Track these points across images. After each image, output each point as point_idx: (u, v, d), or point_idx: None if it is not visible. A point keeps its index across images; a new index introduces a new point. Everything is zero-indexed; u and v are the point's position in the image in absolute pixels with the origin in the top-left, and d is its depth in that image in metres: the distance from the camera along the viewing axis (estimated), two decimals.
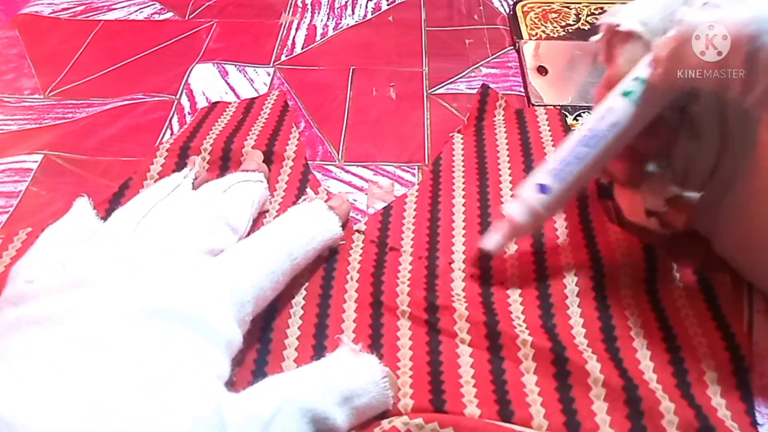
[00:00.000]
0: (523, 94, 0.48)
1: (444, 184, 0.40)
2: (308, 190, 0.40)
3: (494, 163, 0.41)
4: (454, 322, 0.31)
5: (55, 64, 0.53)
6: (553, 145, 0.41)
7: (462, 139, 0.43)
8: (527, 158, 0.41)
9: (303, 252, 0.32)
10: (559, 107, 0.45)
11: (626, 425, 0.27)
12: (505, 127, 0.43)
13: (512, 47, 0.54)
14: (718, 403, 0.28)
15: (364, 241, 0.36)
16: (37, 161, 0.43)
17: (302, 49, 0.55)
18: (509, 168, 0.40)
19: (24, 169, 0.43)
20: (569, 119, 0.44)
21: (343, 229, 0.35)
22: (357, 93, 0.49)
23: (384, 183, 0.41)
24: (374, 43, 0.55)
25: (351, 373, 0.27)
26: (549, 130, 0.43)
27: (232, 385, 0.27)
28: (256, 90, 0.50)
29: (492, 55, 0.52)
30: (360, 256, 0.35)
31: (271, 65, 0.53)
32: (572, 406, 0.27)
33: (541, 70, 0.50)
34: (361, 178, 0.42)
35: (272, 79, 0.51)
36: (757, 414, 0.28)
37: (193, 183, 0.34)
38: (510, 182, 0.40)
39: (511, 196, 0.38)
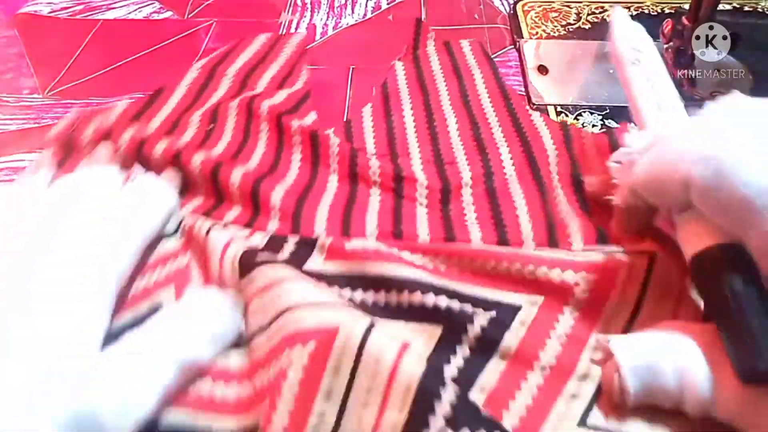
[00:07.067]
0: (524, 94, 0.48)
1: (393, 102, 0.47)
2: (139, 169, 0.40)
3: (433, 84, 0.48)
4: (415, 189, 0.39)
5: (54, 63, 0.53)
6: (480, 72, 0.48)
7: (403, 66, 0.51)
8: (461, 81, 0.48)
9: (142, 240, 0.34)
10: (559, 106, 0.45)
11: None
12: (437, 56, 0.51)
13: (513, 46, 0.53)
14: None
15: (339, 145, 0.42)
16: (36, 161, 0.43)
17: None
18: (446, 88, 0.47)
19: (23, 168, 0.42)
20: (569, 118, 0.44)
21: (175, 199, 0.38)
22: (356, 92, 0.49)
23: None
24: (374, 43, 0.55)
25: (208, 316, 0.30)
26: (474, 59, 0.50)
27: None
28: None
29: (492, 55, 0.52)
30: (338, 147, 0.41)
31: None
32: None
33: (542, 70, 0.49)
34: None
35: None
36: None
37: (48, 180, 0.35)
38: (449, 101, 0.46)
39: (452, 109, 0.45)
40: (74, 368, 0.24)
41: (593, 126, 0.44)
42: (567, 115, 0.45)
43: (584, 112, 0.45)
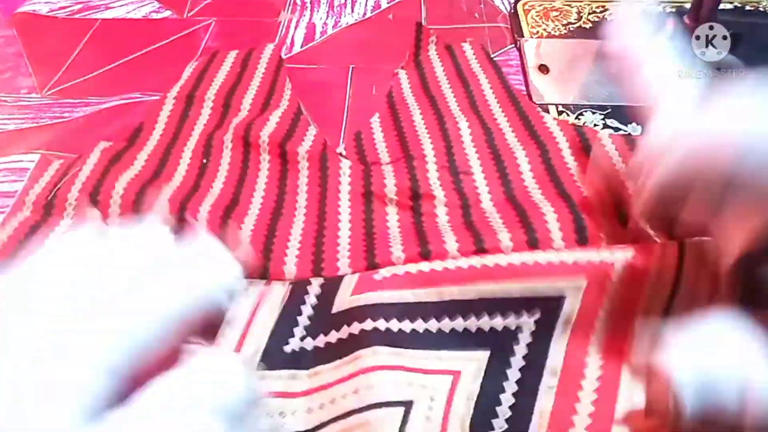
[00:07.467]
0: (525, 93, 0.47)
1: (401, 110, 0.45)
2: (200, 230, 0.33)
3: (438, 90, 0.47)
4: (434, 206, 0.38)
5: (52, 62, 0.53)
6: (485, 76, 0.47)
7: (406, 73, 0.49)
8: (466, 85, 0.47)
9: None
10: (560, 106, 0.45)
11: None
12: (440, 61, 0.49)
13: (513, 45, 0.53)
14: None
15: (350, 167, 0.41)
16: (33, 161, 0.43)
17: (301, 47, 0.54)
18: (453, 93, 0.46)
19: (21, 168, 0.42)
20: (570, 118, 0.44)
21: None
22: (356, 91, 0.49)
23: None
24: (374, 42, 0.55)
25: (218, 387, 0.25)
26: (477, 63, 0.48)
27: None
28: None
29: (493, 54, 0.52)
30: (349, 169, 0.41)
31: None
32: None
33: (543, 69, 0.49)
34: None
35: None
36: None
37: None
38: (458, 105, 0.45)
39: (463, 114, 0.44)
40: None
41: (594, 125, 0.43)
42: (568, 114, 0.44)
43: (585, 111, 0.45)
